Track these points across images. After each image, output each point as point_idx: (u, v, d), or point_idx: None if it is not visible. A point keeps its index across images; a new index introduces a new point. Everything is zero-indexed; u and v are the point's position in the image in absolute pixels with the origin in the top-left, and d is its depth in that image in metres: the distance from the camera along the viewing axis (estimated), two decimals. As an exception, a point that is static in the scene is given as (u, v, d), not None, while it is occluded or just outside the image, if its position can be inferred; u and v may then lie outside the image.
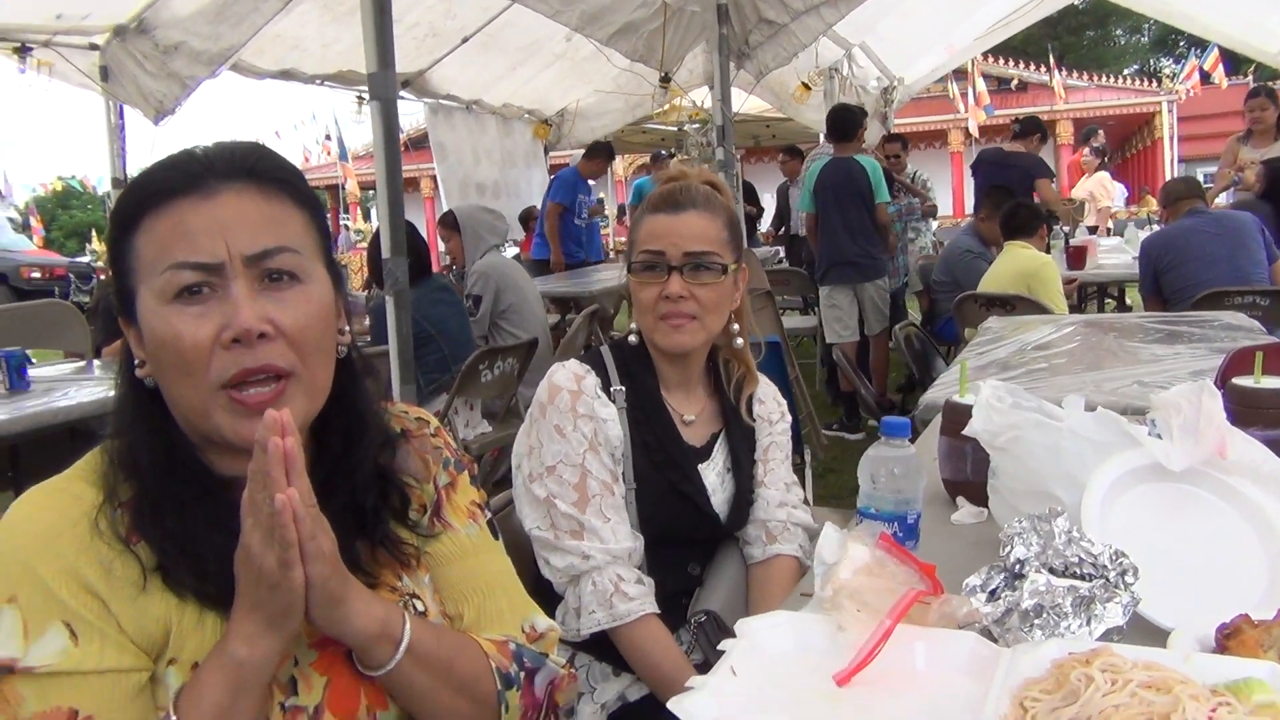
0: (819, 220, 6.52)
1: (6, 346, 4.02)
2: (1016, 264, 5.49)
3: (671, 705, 1.11)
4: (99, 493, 1.07)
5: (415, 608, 1.18)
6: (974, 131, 20.58)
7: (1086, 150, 13.85)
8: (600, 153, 9.61)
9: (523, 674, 1.20)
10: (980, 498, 1.73)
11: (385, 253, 3.58)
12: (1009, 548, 1.33)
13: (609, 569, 1.77)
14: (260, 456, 0.97)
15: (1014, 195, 6.23)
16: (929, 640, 1.23)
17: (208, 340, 1.04)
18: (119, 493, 1.07)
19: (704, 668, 1.76)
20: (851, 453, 6.07)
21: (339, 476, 1.15)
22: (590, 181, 9.57)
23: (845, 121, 6.54)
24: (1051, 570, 1.30)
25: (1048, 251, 5.93)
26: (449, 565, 1.26)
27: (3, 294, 13.09)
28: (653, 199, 1.90)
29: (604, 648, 1.81)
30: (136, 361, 1.11)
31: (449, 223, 5.85)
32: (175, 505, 1.07)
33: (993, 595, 1.31)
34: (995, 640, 1.23)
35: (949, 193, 21.75)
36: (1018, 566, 1.31)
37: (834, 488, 5.34)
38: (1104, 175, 13.42)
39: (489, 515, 1.33)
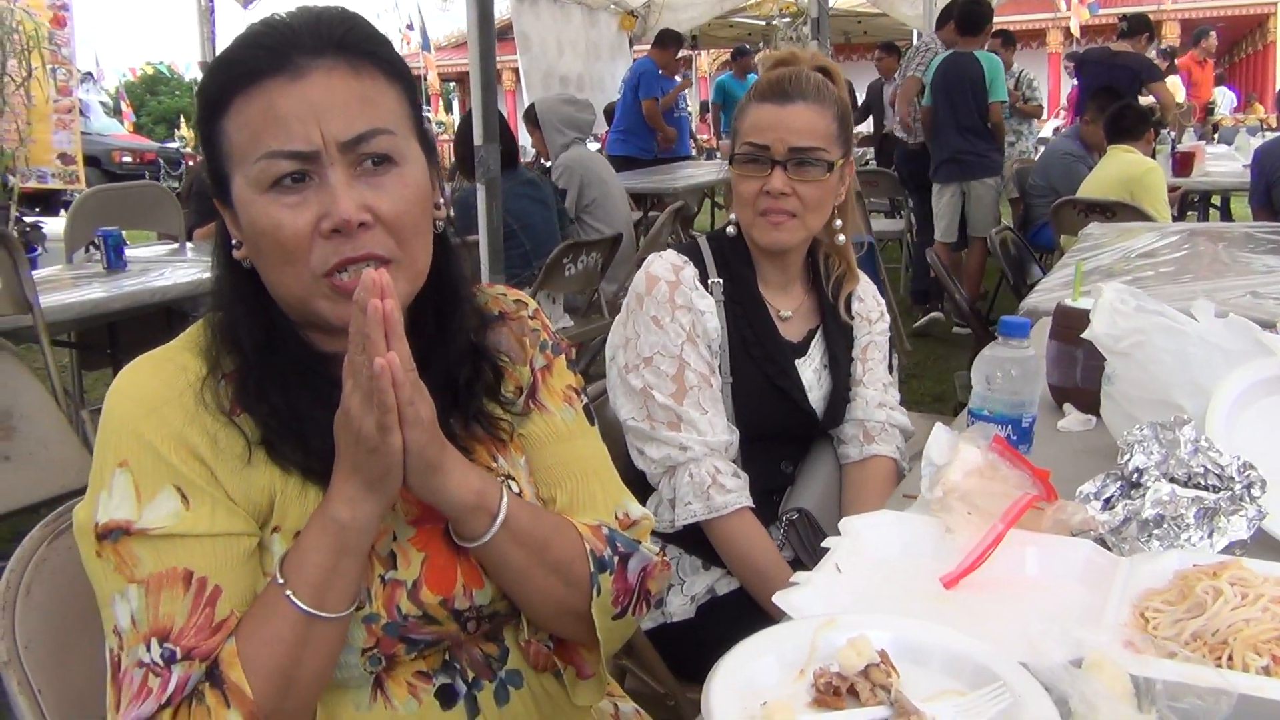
0: (933, 115, 6.35)
1: (104, 227, 4.10)
2: (1120, 169, 5.27)
3: (777, 599, 1.09)
4: (203, 364, 1.07)
5: (510, 487, 1.17)
6: (1075, 31, 19.69)
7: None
8: (671, 41, 9.34)
9: (616, 558, 1.19)
10: (1089, 405, 1.68)
11: (477, 140, 3.53)
12: (1128, 456, 1.28)
13: (706, 461, 1.75)
14: (360, 318, 0.95)
15: (1121, 98, 5.95)
16: (1041, 546, 1.20)
17: (307, 229, 1.01)
18: (222, 365, 1.07)
19: (795, 565, 1.76)
20: (933, 358, 5.99)
21: (434, 351, 1.14)
22: (676, 78, 9.35)
23: (974, 15, 6.28)
24: (1173, 480, 1.25)
25: (1153, 157, 5.68)
26: (543, 448, 1.24)
27: (95, 177, 13.32)
28: (760, 86, 1.83)
29: (694, 541, 1.80)
30: (234, 242, 1.09)
31: (531, 117, 5.77)
32: (278, 381, 1.07)
33: (1107, 503, 1.26)
34: (1110, 549, 1.20)
35: (1045, 96, 20.94)
36: (1136, 475, 1.27)
37: (915, 394, 5.28)
38: (1175, 79, 12.71)
39: (585, 400, 1.30)
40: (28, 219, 7.00)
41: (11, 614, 1.19)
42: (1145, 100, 6.71)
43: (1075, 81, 8.70)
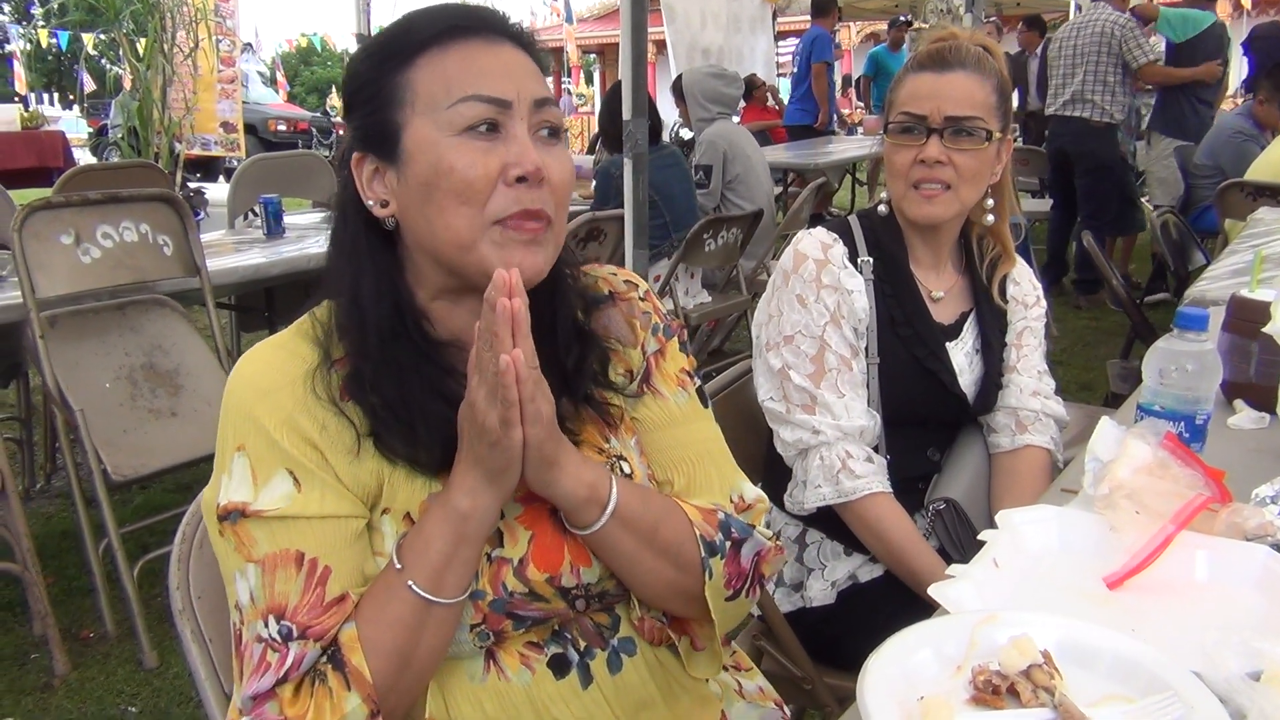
0: None
1: (264, 194, 4.26)
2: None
3: (933, 591, 1.07)
4: (315, 352, 1.10)
5: (622, 469, 1.19)
6: (1246, 3, 18.60)
7: None
8: (831, 6, 9.32)
9: (729, 543, 1.19)
10: (1265, 402, 1.60)
11: (626, 114, 3.54)
12: (1311, 459, 1.21)
13: (838, 445, 1.73)
14: (489, 315, 0.98)
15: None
16: (1213, 550, 1.15)
17: (495, 171, 1.05)
18: (333, 353, 1.10)
19: (940, 555, 1.72)
20: (1081, 345, 5.78)
21: (543, 334, 1.13)
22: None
23: None
24: (1360, 486, 1.18)
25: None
26: (658, 432, 1.26)
27: (251, 144, 13.87)
28: (919, 56, 1.78)
29: (835, 525, 1.78)
30: (377, 203, 1.10)
31: (677, 89, 5.74)
32: (394, 371, 1.09)
33: (1287, 508, 1.20)
34: (1289, 557, 1.14)
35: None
36: (1318, 479, 1.20)
37: (1062, 381, 5.07)
38: None
39: (698, 383, 1.31)
40: (191, 185, 7.34)
41: (186, 566, 1.25)
42: None
43: (1245, 58, 8.22)
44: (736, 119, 7.34)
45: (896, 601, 1.68)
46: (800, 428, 1.75)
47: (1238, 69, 8.27)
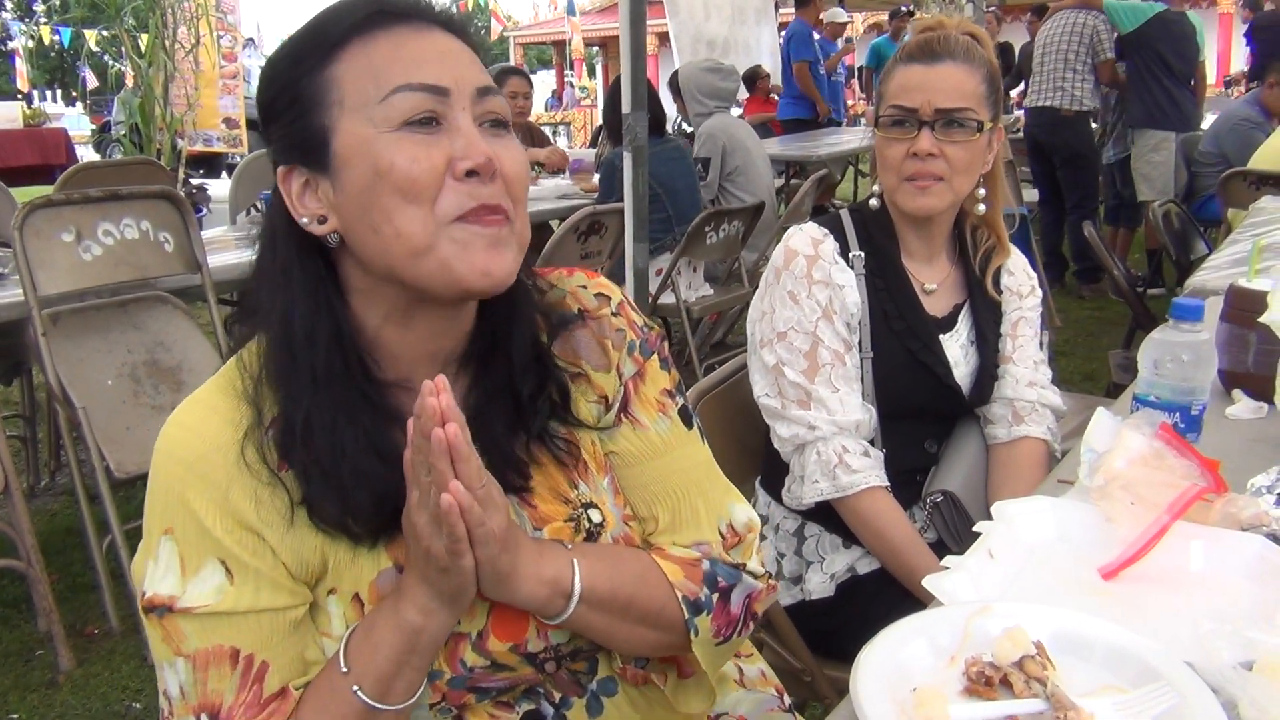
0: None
1: (265, 190, 4.26)
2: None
3: (927, 583, 1.07)
4: (245, 411, 0.98)
5: (590, 519, 1.11)
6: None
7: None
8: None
9: (715, 595, 1.12)
10: (1263, 391, 1.60)
11: (625, 107, 3.54)
12: (1307, 448, 1.21)
13: (835, 440, 1.73)
14: (423, 446, 0.90)
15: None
16: (1209, 540, 1.15)
17: (441, 166, 0.94)
18: (265, 411, 0.98)
19: (937, 548, 1.72)
20: (1083, 335, 5.77)
21: (498, 357, 1.07)
22: (839, 42, 9.35)
23: None
24: (1355, 475, 1.18)
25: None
26: (638, 466, 1.15)
27: (256, 140, 13.84)
28: (907, 48, 1.78)
29: (834, 518, 1.78)
30: (313, 220, 0.98)
31: (674, 85, 5.74)
32: (328, 420, 0.97)
33: (1282, 498, 1.20)
34: (1284, 546, 1.14)
35: (1212, 59, 19.79)
36: (1314, 469, 1.20)
37: (1065, 372, 5.09)
38: None
39: (680, 401, 1.18)
40: (194, 181, 7.35)
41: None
42: None
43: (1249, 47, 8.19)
44: (739, 111, 7.33)
45: (895, 593, 1.69)
46: (796, 423, 1.75)
47: (1212, 59, 8.19)
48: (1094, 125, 6.59)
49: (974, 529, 1.20)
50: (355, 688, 0.97)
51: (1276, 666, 0.87)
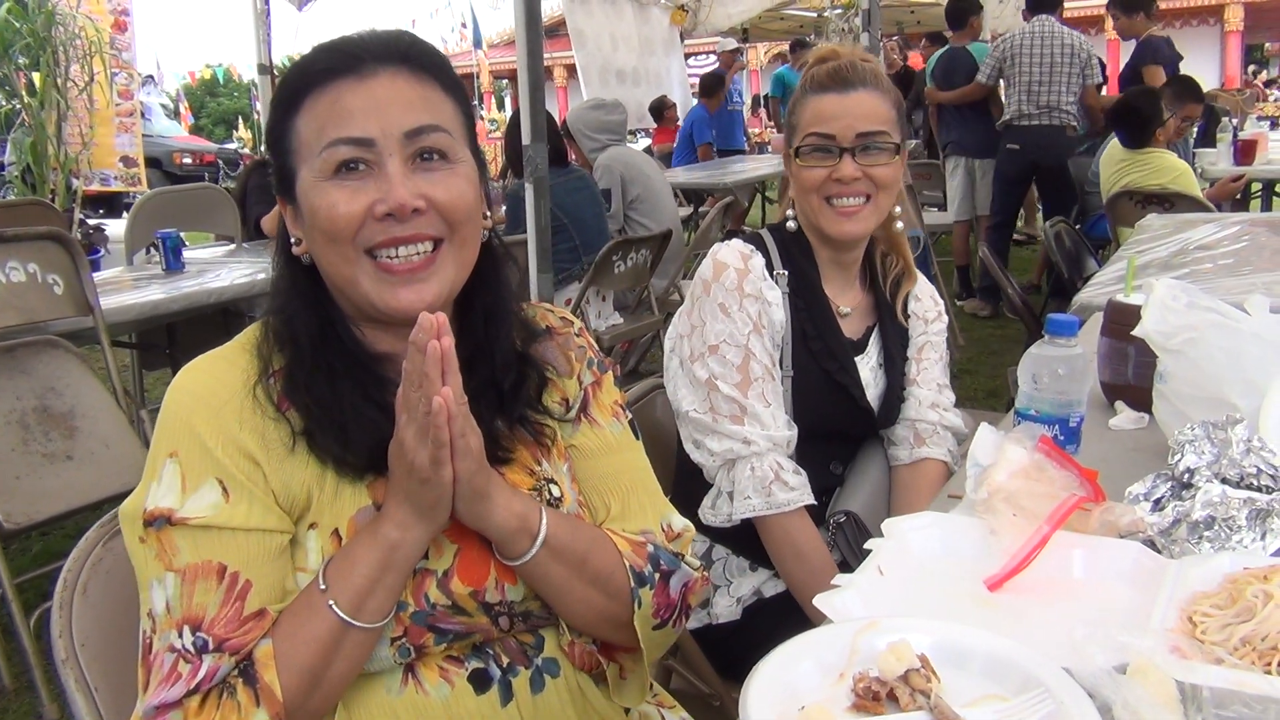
0: None
1: (163, 229, 4.18)
2: (1168, 162, 5.18)
3: (818, 602, 1.09)
4: (256, 363, 1.13)
5: (551, 491, 1.22)
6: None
7: None
8: (716, 88, 10.21)
9: (657, 575, 1.23)
10: (1142, 402, 1.65)
11: (525, 139, 3.54)
12: (1179, 455, 1.26)
13: (769, 455, 1.74)
14: (417, 358, 1.01)
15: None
16: (1088, 548, 1.18)
17: (360, 211, 1.09)
18: (273, 362, 1.14)
19: (842, 568, 1.74)
20: (986, 353, 5.92)
21: (481, 356, 1.20)
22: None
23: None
24: (1225, 481, 1.22)
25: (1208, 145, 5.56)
26: (594, 459, 1.29)
27: (157, 178, 13.58)
28: (817, 77, 1.80)
29: (742, 541, 1.80)
30: (293, 240, 1.16)
31: (567, 131, 5.78)
32: (327, 373, 1.13)
33: (1157, 505, 1.24)
34: (1159, 551, 1.18)
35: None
36: (1187, 476, 1.25)
37: (969, 390, 5.21)
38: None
39: (629, 416, 1.36)
40: (91, 221, 7.16)
41: (69, 612, 1.22)
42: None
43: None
44: (644, 143, 7.40)
45: (801, 615, 1.70)
46: (730, 438, 1.75)
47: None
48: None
49: (865, 546, 1.21)
50: (331, 603, 1.06)
51: (1148, 669, 0.89)
